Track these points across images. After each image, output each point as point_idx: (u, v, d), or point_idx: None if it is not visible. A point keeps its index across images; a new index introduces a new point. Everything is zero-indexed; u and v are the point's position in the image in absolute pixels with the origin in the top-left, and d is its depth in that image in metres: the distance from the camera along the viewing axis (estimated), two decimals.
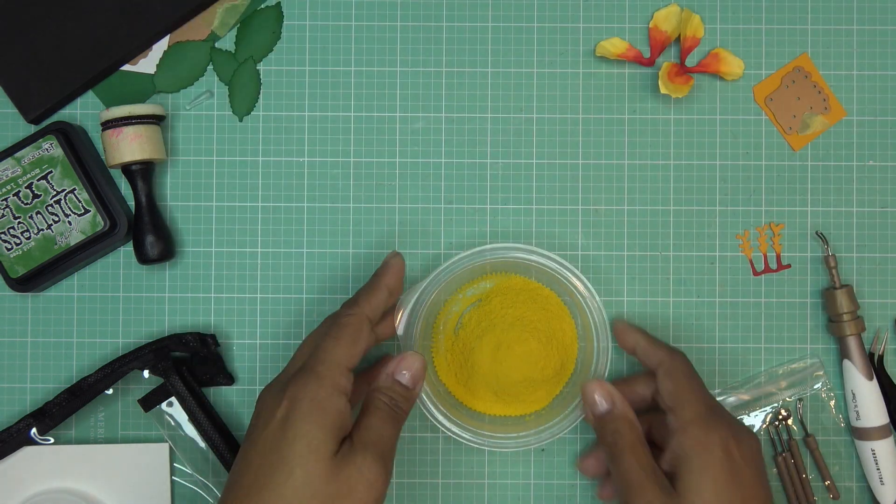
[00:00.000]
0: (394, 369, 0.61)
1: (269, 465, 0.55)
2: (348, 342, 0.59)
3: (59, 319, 0.70)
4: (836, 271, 0.68)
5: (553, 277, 0.66)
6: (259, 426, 0.57)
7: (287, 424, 0.55)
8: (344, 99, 0.71)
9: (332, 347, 0.58)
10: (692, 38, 0.70)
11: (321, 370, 0.57)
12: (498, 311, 0.67)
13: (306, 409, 0.55)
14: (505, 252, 0.65)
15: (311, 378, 0.57)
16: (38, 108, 0.70)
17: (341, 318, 0.60)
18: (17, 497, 0.68)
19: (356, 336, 0.60)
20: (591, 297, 0.65)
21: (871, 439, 0.68)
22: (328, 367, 0.57)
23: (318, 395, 0.56)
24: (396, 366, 0.61)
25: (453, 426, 0.65)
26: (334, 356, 0.58)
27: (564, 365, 0.67)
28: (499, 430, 0.66)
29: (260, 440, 0.56)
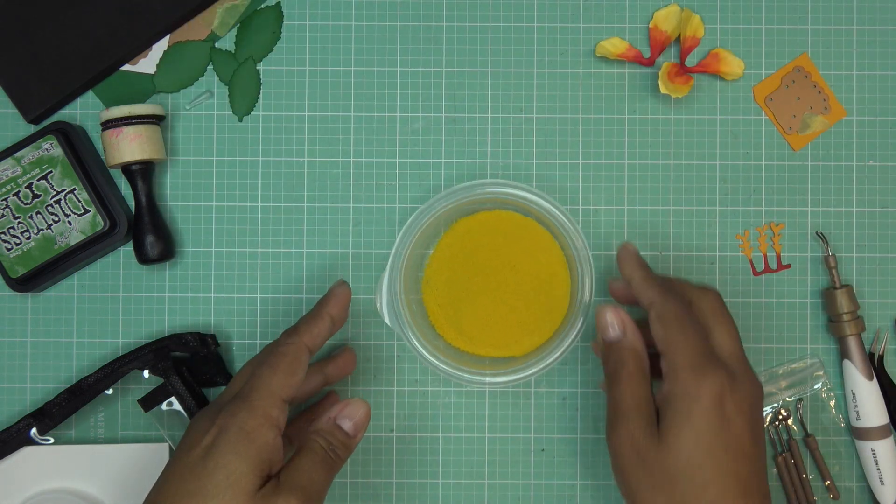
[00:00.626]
0: (336, 414, 0.59)
1: (185, 492, 0.53)
2: (285, 372, 0.57)
3: (59, 319, 0.70)
4: (836, 271, 0.68)
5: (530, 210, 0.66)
6: (183, 450, 0.55)
7: (210, 453, 0.54)
8: (344, 99, 0.71)
9: (267, 376, 0.57)
10: (692, 38, 0.70)
11: (253, 399, 0.55)
12: (487, 251, 0.67)
13: (233, 438, 0.54)
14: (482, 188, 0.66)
15: (243, 406, 0.55)
16: (38, 108, 0.70)
17: (280, 347, 0.58)
18: (17, 497, 0.68)
19: (293, 366, 0.58)
20: (576, 233, 0.65)
21: (871, 439, 0.68)
22: (261, 397, 0.55)
23: (246, 424, 0.54)
24: (339, 411, 0.59)
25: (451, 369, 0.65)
26: (269, 385, 0.56)
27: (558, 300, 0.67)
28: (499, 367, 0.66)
29: (180, 465, 0.54)
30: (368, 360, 0.70)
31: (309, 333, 0.60)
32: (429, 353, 0.66)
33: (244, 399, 0.55)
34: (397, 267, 0.66)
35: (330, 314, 0.61)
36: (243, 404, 0.55)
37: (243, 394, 0.56)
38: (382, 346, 0.70)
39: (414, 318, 0.67)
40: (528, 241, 0.68)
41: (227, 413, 0.55)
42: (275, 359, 0.58)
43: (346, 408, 0.59)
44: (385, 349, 0.70)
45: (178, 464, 0.55)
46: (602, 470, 0.70)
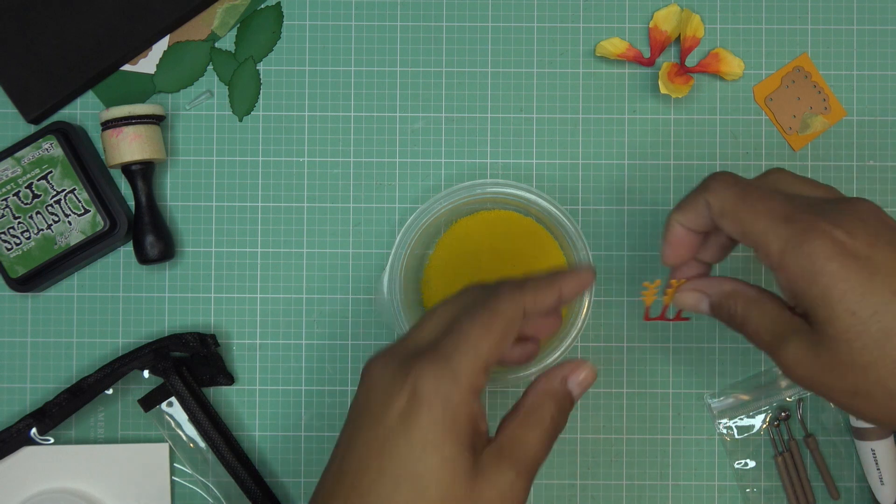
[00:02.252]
0: (569, 373, 0.51)
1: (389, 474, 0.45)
2: (498, 335, 0.47)
3: (59, 319, 0.70)
4: None
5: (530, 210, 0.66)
6: (370, 413, 0.46)
7: (410, 425, 0.45)
8: (344, 99, 0.71)
9: (476, 336, 0.47)
10: (692, 38, 0.70)
11: (459, 364, 0.46)
12: (487, 251, 0.67)
13: (438, 413, 0.45)
14: (482, 188, 0.66)
15: (446, 371, 0.45)
16: (38, 108, 0.70)
17: (500, 302, 0.48)
18: (17, 497, 0.68)
19: (508, 330, 0.48)
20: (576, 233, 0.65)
21: (871, 439, 0.68)
22: (469, 362, 0.46)
23: (451, 397, 0.45)
24: (573, 371, 0.51)
25: None
26: (477, 348, 0.46)
27: None
28: (499, 367, 0.66)
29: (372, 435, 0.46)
30: None
31: (534, 296, 0.50)
32: None
33: (446, 359, 0.46)
34: (397, 267, 0.66)
35: (561, 288, 0.51)
36: (445, 368, 0.46)
37: (443, 350, 0.46)
38: (382, 346, 0.70)
39: (414, 318, 0.67)
40: (528, 241, 0.68)
41: (424, 375, 0.46)
42: (489, 316, 0.48)
43: (580, 368, 0.51)
44: None
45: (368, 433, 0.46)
46: (602, 470, 0.70)
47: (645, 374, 0.70)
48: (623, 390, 0.70)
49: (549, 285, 0.51)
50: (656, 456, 0.70)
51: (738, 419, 0.69)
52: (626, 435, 0.70)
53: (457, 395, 0.45)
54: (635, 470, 0.70)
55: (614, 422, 0.70)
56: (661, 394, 0.70)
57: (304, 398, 0.70)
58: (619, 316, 0.70)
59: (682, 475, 0.70)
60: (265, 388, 0.70)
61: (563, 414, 0.50)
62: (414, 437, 0.45)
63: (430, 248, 0.69)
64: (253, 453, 0.70)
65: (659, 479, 0.70)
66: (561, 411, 0.50)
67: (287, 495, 0.70)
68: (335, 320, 0.70)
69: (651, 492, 0.70)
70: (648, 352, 0.70)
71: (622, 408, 0.70)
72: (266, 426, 0.70)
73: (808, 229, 0.47)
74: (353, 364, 0.70)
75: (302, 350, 0.70)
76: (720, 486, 0.69)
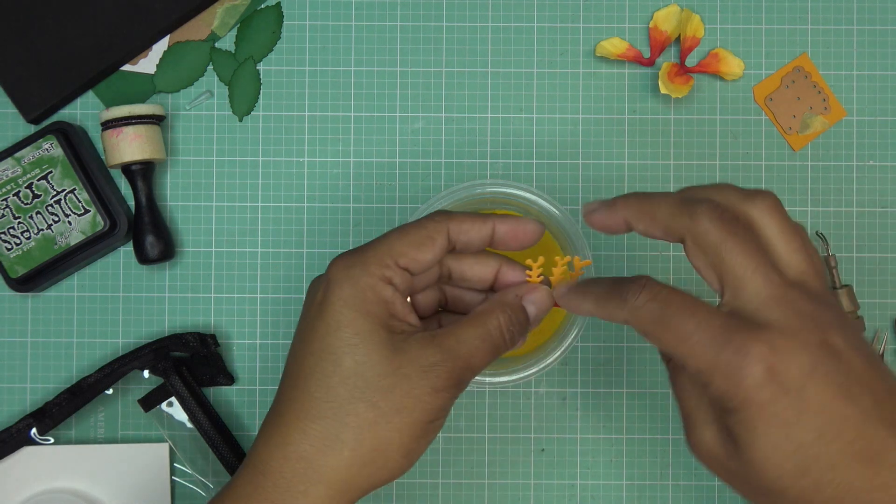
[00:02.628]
0: (524, 293, 0.53)
1: (311, 353, 0.49)
2: (412, 241, 0.51)
3: (59, 319, 0.70)
4: (836, 271, 0.68)
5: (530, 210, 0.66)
6: (302, 313, 0.51)
7: (324, 307, 0.49)
8: (344, 99, 0.71)
9: (391, 238, 0.51)
10: (692, 38, 0.70)
11: (369, 255, 0.50)
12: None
13: (346, 292, 0.49)
14: (482, 188, 0.65)
15: (355, 260, 0.50)
16: (38, 108, 0.70)
17: (424, 219, 0.52)
18: (17, 497, 0.68)
19: (425, 241, 0.51)
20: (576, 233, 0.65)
21: None
22: (378, 255, 0.50)
23: (359, 279, 0.49)
24: (528, 292, 0.53)
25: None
26: (390, 246, 0.50)
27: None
28: (499, 367, 0.66)
29: (299, 329, 0.50)
30: None
31: (460, 223, 0.52)
32: None
33: (360, 254, 0.50)
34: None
35: (495, 225, 0.53)
36: (355, 256, 0.50)
37: (360, 249, 0.51)
38: None
39: None
40: None
41: (336, 264, 0.50)
42: (410, 226, 0.51)
43: (535, 292, 0.53)
44: None
45: (298, 328, 0.51)
46: (602, 470, 0.70)
47: (645, 374, 0.70)
48: (623, 390, 0.70)
49: (482, 220, 0.53)
50: (656, 456, 0.70)
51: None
52: (626, 435, 0.70)
53: (364, 277, 0.49)
54: (635, 470, 0.70)
55: (614, 422, 0.70)
56: (661, 394, 0.70)
57: None
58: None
59: (682, 475, 0.70)
60: (265, 388, 0.70)
61: (512, 325, 0.51)
62: (327, 317, 0.49)
63: None
64: None
65: (659, 479, 0.70)
66: (510, 322, 0.51)
67: None
68: None
69: (651, 492, 0.70)
70: (648, 352, 0.70)
71: (622, 408, 0.70)
72: None
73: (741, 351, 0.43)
74: None
75: None
76: (720, 486, 0.69)
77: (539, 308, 0.54)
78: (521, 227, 0.54)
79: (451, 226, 0.52)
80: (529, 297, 0.53)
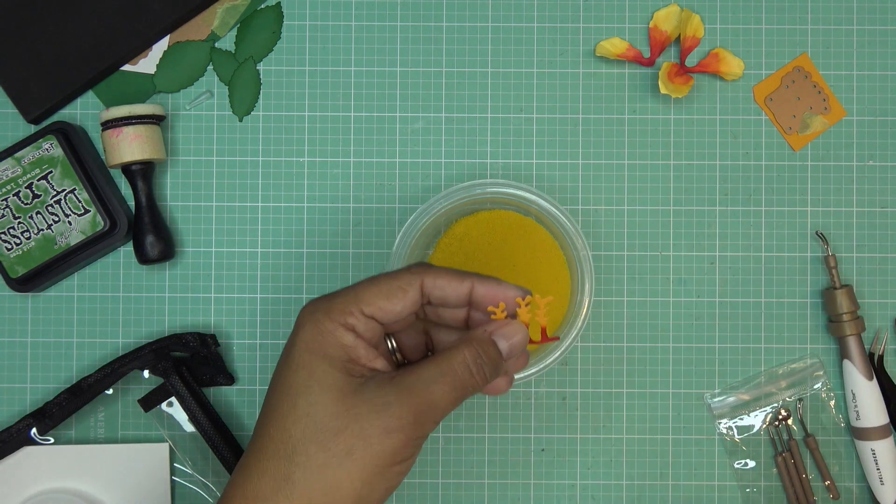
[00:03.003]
0: (493, 329, 0.51)
1: (275, 391, 0.50)
2: (382, 291, 0.51)
3: (59, 319, 0.70)
4: (836, 271, 0.68)
5: (530, 210, 0.66)
6: (282, 352, 0.52)
7: (289, 350, 0.50)
8: (344, 99, 0.71)
9: (361, 286, 0.51)
10: (692, 38, 0.70)
11: (336, 302, 0.50)
12: (487, 251, 0.67)
13: (308, 336, 0.49)
14: (482, 188, 0.65)
15: (321, 305, 0.50)
16: (38, 108, 0.70)
17: (400, 271, 0.52)
18: (17, 497, 0.68)
19: (395, 292, 0.51)
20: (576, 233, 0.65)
21: (871, 439, 0.68)
22: (344, 302, 0.50)
23: (321, 325, 0.50)
24: (498, 328, 0.51)
25: None
26: (357, 293, 0.50)
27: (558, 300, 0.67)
28: None
29: (276, 367, 0.51)
30: None
31: (435, 277, 0.52)
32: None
33: (327, 300, 0.51)
34: (397, 267, 0.66)
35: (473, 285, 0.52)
36: (322, 302, 0.51)
37: (330, 295, 0.51)
38: None
39: None
40: (528, 241, 0.68)
41: (306, 310, 0.51)
42: (383, 275, 0.52)
43: (505, 327, 0.51)
44: None
45: (276, 366, 0.51)
46: (602, 470, 0.70)
47: (645, 374, 0.70)
48: (623, 390, 0.70)
49: (460, 278, 0.52)
50: (656, 456, 0.70)
51: (738, 419, 0.70)
52: (626, 435, 0.70)
53: (326, 322, 0.49)
54: (635, 470, 0.70)
55: (614, 422, 0.70)
56: (661, 394, 0.70)
57: None
58: (619, 316, 0.70)
59: (682, 475, 0.70)
60: (265, 388, 0.70)
61: (479, 359, 0.50)
62: (289, 359, 0.50)
63: (430, 248, 0.69)
64: None
65: (659, 479, 0.70)
66: (476, 356, 0.50)
67: None
68: None
69: (651, 492, 0.70)
70: (648, 352, 0.70)
71: (622, 408, 0.70)
72: None
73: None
74: None
75: None
76: (720, 486, 0.69)
77: (512, 342, 0.52)
78: (502, 292, 0.52)
79: (426, 279, 0.52)
80: (501, 332, 0.51)
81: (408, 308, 0.51)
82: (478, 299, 0.52)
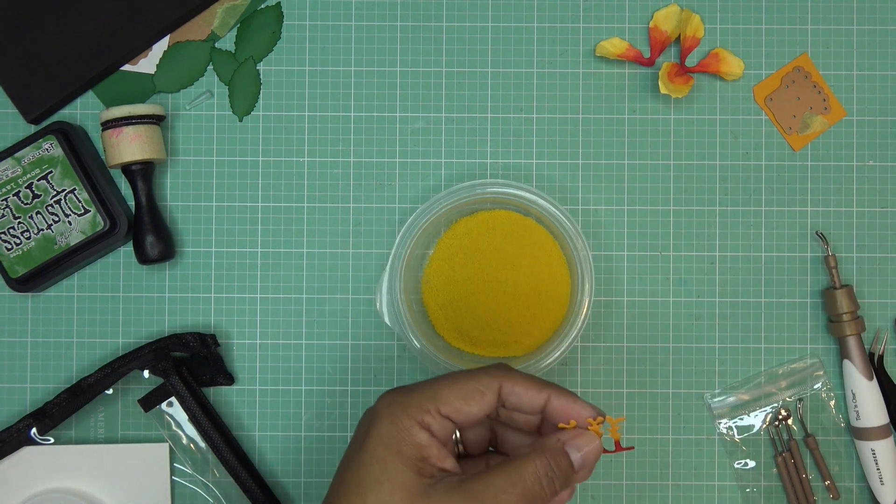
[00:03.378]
0: (567, 438, 0.51)
1: (344, 482, 0.50)
2: (460, 391, 0.51)
3: (59, 319, 0.70)
4: (836, 271, 0.68)
5: (530, 210, 0.66)
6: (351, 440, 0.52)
7: (363, 442, 0.50)
8: (344, 99, 0.71)
9: (441, 383, 0.51)
10: (692, 38, 0.70)
11: (413, 397, 0.51)
12: (487, 251, 0.67)
13: (384, 430, 0.50)
14: (482, 188, 0.65)
15: (399, 399, 0.51)
16: (38, 108, 0.70)
17: (479, 370, 0.52)
18: (17, 497, 0.68)
19: (474, 395, 0.51)
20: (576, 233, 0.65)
21: (871, 439, 0.68)
22: (422, 399, 0.50)
23: (398, 420, 0.50)
24: (571, 437, 0.51)
25: (452, 369, 0.65)
26: (435, 391, 0.51)
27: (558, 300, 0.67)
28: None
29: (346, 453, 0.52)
30: (368, 360, 0.70)
31: (513, 382, 0.52)
32: (429, 353, 0.66)
33: (405, 392, 0.51)
34: (397, 267, 0.66)
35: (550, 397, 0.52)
36: (400, 395, 0.51)
37: (410, 387, 0.52)
38: (382, 345, 0.70)
39: (414, 318, 0.67)
40: (528, 241, 0.68)
41: (383, 400, 0.51)
42: (462, 376, 0.52)
43: (579, 437, 0.51)
44: (385, 349, 0.70)
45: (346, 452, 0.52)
46: (602, 470, 0.70)
47: (645, 374, 0.70)
48: (623, 390, 0.70)
49: (538, 387, 0.52)
50: (656, 456, 0.70)
51: (738, 419, 0.70)
52: (626, 435, 0.70)
53: (403, 418, 0.50)
54: (635, 470, 0.70)
55: None
56: (661, 394, 0.70)
57: (304, 398, 0.70)
58: (619, 316, 0.70)
59: (682, 475, 0.70)
60: (265, 388, 0.70)
61: (551, 472, 0.50)
62: (364, 450, 0.50)
63: (430, 248, 0.69)
64: (253, 453, 0.70)
65: (659, 479, 0.70)
66: (548, 468, 0.50)
67: (287, 495, 0.70)
68: (335, 320, 0.70)
69: (651, 492, 0.70)
70: (648, 352, 0.70)
71: (622, 407, 0.70)
72: (266, 426, 0.70)
73: None
74: (353, 364, 0.70)
75: (302, 350, 0.70)
76: (720, 486, 0.69)
77: (585, 454, 0.51)
78: (576, 410, 0.52)
79: (504, 384, 0.52)
80: (574, 442, 0.51)
81: (484, 411, 0.51)
82: (552, 412, 0.52)
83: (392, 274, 0.66)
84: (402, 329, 0.66)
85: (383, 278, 0.66)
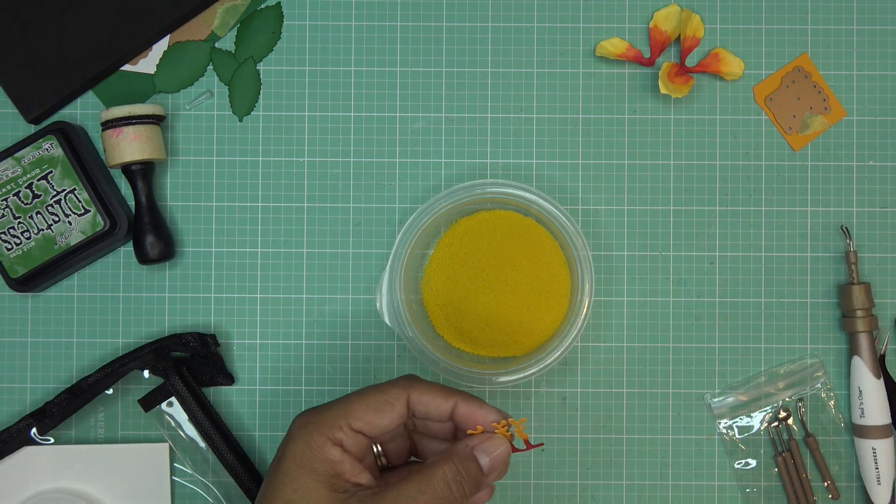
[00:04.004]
0: (475, 444, 0.53)
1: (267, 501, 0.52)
2: (371, 406, 0.53)
3: (59, 319, 0.70)
4: (855, 267, 0.68)
5: (530, 210, 0.66)
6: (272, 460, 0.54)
7: (278, 462, 0.52)
8: (344, 99, 0.71)
9: (352, 399, 0.53)
10: (692, 38, 0.70)
11: (325, 415, 0.53)
12: (487, 251, 0.67)
13: (298, 449, 0.52)
14: (482, 188, 0.66)
15: (311, 418, 0.53)
16: (38, 108, 0.70)
17: (387, 384, 0.54)
18: (17, 497, 0.68)
19: (384, 407, 0.53)
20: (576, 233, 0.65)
21: (873, 438, 0.68)
22: (333, 416, 0.53)
23: (310, 439, 0.52)
24: (480, 442, 0.53)
25: (452, 369, 0.65)
26: (346, 407, 0.53)
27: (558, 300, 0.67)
28: (499, 367, 0.66)
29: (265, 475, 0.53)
30: (368, 360, 0.70)
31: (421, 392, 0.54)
32: (429, 353, 0.66)
33: (318, 412, 0.53)
34: (397, 267, 0.66)
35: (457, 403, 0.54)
36: (312, 415, 0.53)
37: (323, 406, 0.54)
38: (382, 345, 0.70)
39: (414, 318, 0.67)
40: (528, 241, 0.68)
41: (298, 422, 0.53)
42: (371, 389, 0.54)
43: (487, 441, 0.53)
44: (385, 349, 0.70)
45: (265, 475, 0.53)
46: (602, 470, 0.70)
47: (645, 374, 0.70)
48: (623, 390, 0.70)
49: (445, 395, 0.54)
50: (656, 456, 0.70)
51: (738, 419, 0.70)
52: (626, 435, 0.70)
53: (315, 436, 0.52)
54: (635, 470, 0.70)
55: (614, 422, 0.70)
56: (661, 394, 0.70)
57: (304, 398, 0.70)
58: (619, 316, 0.70)
59: (682, 475, 0.70)
60: (265, 388, 0.70)
61: (459, 476, 0.52)
62: (279, 471, 0.52)
63: (430, 248, 0.69)
64: (253, 453, 0.70)
65: (659, 479, 0.70)
66: (456, 473, 0.52)
67: None
68: (335, 320, 0.70)
69: (651, 492, 0.70)
70: (648, 352, 0.70)
71: (622, 408, 0.70)
72: (266, 426, 0.70)
73: None
74: (353, 364, 0.70)
75: (302, 350, 0.70)
76: (720, 486, 0.69)
77: (493, 457, 0.53)
78: (482, 415, 0.54)
79: (412, 394, 0.54)
80: (482, 447, 0.53)
81: (394, 422, 0.53)
82: (460, 419, 0.55)
83: (392, 274, 0.66)
84: (402, 329, 0.66)
85: (383, 278, 0.66)
